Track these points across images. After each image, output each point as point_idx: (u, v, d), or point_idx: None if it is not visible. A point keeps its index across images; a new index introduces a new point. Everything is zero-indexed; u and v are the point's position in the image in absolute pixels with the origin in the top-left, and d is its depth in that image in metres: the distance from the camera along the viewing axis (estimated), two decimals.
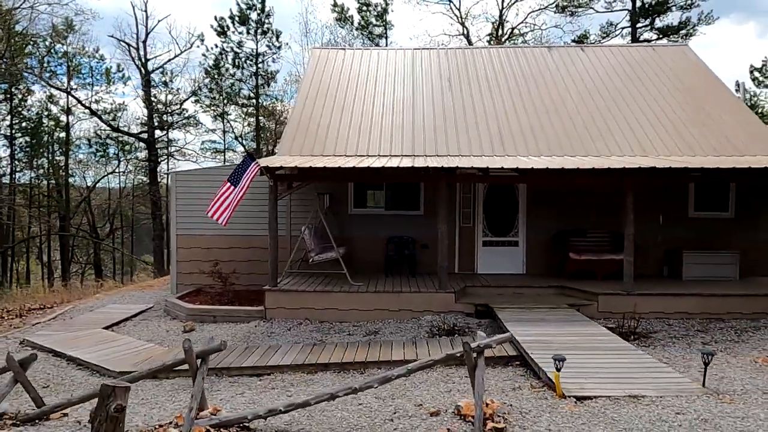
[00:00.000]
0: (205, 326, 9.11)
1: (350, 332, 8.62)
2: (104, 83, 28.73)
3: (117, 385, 4.03)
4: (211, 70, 31.03)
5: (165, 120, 26.96)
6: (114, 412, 4.00)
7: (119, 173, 30.48)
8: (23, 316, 11.21)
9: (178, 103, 27.64)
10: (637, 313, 8.21)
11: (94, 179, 32.03)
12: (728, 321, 8.70)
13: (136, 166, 33.69)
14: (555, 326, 7.40)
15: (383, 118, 12.13)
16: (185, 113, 28.62)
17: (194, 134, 30.79)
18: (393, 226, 11.30)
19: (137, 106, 43.61)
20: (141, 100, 29.70)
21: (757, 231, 10.96)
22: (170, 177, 11.56)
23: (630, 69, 13.50)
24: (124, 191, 32.47)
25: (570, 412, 4.29)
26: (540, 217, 11.21)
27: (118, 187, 33.92)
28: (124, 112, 29.26)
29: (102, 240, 32.63)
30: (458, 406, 4.23)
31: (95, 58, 27.66)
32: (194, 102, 29.69)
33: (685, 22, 25.97)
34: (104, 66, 28.77)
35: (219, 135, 34.54)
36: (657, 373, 5.33)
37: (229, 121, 33.73)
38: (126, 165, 33.27)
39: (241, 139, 35.03)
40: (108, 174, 32.10)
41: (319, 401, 4.06)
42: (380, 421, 4.20)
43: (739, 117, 11.94)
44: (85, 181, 32.30)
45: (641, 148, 10.95)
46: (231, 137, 34.71)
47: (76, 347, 7.87)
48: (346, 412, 4.49)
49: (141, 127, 29.31)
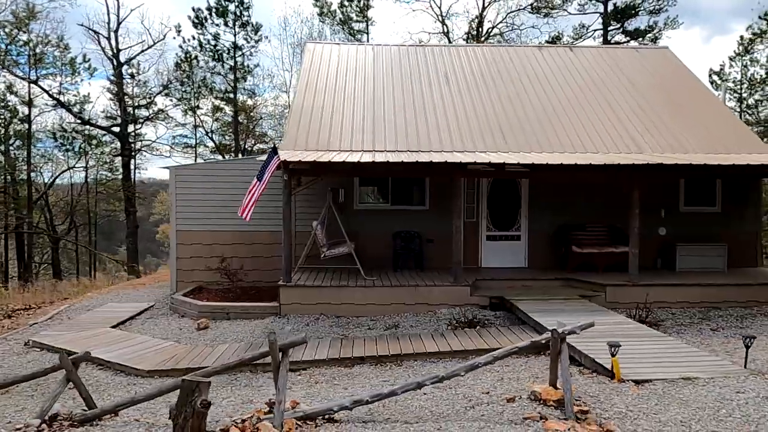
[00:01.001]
0: (218, 323, 8.93)
1: (370, 326, 8.65)
2: (68, 74, 27.40)
3: (200, 381, 3.97)
4: (181, 62, 30.19)
5: (134, 114, 25.97)
6: (201, 407, 3.95)
7: (85, 168, 29.13)
8: (11, 317, 10.68)
9: (149, 96, 26.69)
10: (648, 303, 8.59)
11: (53, 174, 30.58)
12: (725, 309, 9.22)
13: (101, 160, 32.42)
14: (577, 316, 7.61)
15: (385, 113, 12.17)
16: (154, 107, 27.67)
17: (166, 128, 29.80)
18: (398, 221, 11.36)
19: (104, 99, 41.83)
20: (109, 92, 28.67)
21: (741, 224, 11.64)
22: (170, 172, 11.22)
23: (618, 70, 14.03)
24: (89, 187, 31.07)
25: (636, 394, 4.51)
26: (541, 212, 11.53)
27: (82, 183, 32.47)
28: (90, 104, 28.01)
29: (61, 238, 31.14)
30: (534, 392, 4.36)
31: (60, 48, 26.33)
32: (164, 95, 28.76)
33: (652, 26, 27.15)
34: (68, 56, 27.42)
35: (189, 129, 33.64)
36: (696, 357, 5.64)
37: (199, 116, 32.89)
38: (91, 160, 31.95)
39: (211, 134, 34.24)
40: (69, 168, 30.63)
41: (406, 390, 4.11)
42: (462, 409, 4.28)
43: (722, 117, 12.64)
44: (42, 177, 30.80)
45: (636, 146, 11.42)
46: (201, 132, 33.90)
47: (91, 347, 7.56)
48: (418, 401, 4.54)
49: (108, 121, 28.20)
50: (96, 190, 32.70)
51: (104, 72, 26.86)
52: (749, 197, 11.77)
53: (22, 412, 5.50)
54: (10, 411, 5.53)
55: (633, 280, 9.35)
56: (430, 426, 3.82)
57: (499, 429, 3.69)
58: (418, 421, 4.01)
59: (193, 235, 11.28)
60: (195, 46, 26.20)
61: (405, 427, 3.79)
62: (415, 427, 3.81)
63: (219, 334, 8.37)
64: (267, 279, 11.20)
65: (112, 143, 30.98)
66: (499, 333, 7.55)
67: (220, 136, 35.06)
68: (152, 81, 29.59)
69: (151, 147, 29.31)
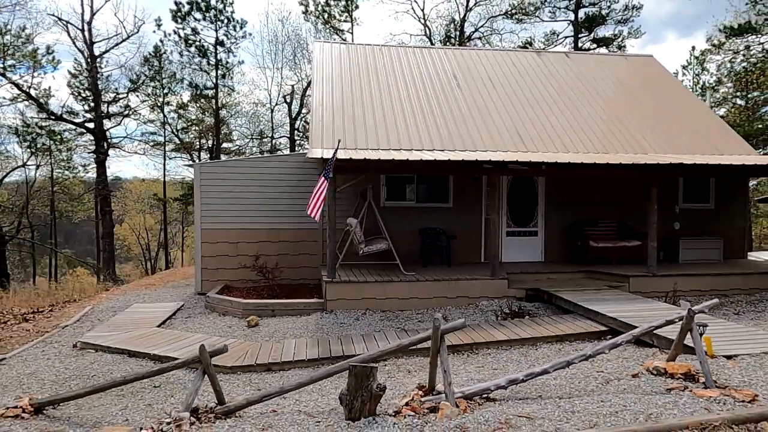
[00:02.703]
0: (266, 320, 8.93)
1: (419, 319, 8.92)
2: (29, 66, 25.87)
3: (373, 366, 4.17)
4: (151, 57, 29.21)
5: (108, 110, 24.89)
6: (377, 390, 4.15)
7: (51, 165, 27.60)
8: (28, 320, 10.20)
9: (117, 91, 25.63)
10: (675, 291, 9.33)
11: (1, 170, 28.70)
12: (732, 296, 10.11)
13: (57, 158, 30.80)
14: (623, 304, 8.25)
15: (404, 112, 12.47)
16: (126, 101, 26.63)
17: (136, 125, 28.71)
18: (423, 218, 11.68)
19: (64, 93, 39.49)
20: (70, 87, 27.28)
21: (732, 220, 12.74)
22: (195, 169, 11.01)
23: (612, 75, 14.95)
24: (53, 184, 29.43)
25: (737, 367, 5.04)
26: (556, 209, 12.17)
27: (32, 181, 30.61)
28: (52, 98, 26.63)
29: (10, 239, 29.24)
30: (656, 367, 4.78)
31: (21, 38, 24.81)
32: (131, 91, 27.72)
33: (617, 34, 28.79)
34: (29, 47, 25.89)
35: (156, 126, 32.51)
36: (756, 335, 6.30)
37: (165, 114, 31.84)
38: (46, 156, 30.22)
39: (178, 132, 33.23)
40: (22, 165, 28.86)
41: (556, 368, 4.44)
42: (598, 385, 4.66)
43: (710, 120, 13.76)
44: None
45: (641, 147, 12.28)
46: (169, 130, 32.84)
47: (153, 346, 7.45)
48: (554, 381, 4.86)
49: (72, 117, 26.82)
50: (52, 188, 31.03)
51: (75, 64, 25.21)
52: (738, 195, 12.90)
53: (126, 410, 5.43)
54: (114, 410, 5.45)
55: (652, 271, 10.09)
56: (587, 399, 4.17)
57: (651, 399, 4.08)
58: (571, 397, 4.36)
59: (218, 234, 11.16)
60: (176, 40, 25.38)
61: (564, 402, 4.12)
62: (573, 401, 4.15)
63: (273, 331, 8.40)
64: (294, 276, 11.28)
65: (75, 140, 29.58)
66: (554, 321, 8.02)
67: (185, 133, 34.16)
68: (123, 76, 28.53)
69: (120, 144, 28.17)
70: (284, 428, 4.13)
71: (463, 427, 3.77)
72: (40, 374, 6.65)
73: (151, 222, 42.95)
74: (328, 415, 4.32)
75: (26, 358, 7.37)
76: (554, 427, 3.64)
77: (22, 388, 6.14)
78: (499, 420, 3.84)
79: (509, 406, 4.23)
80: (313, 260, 11.41)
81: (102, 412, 5.40)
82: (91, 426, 4.96)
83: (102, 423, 5.05)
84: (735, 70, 28.81)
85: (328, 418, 4.23)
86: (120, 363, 7.09)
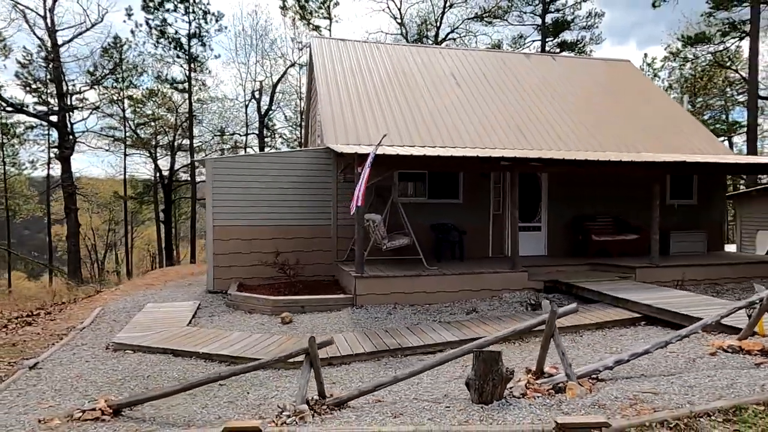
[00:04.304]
0: (297, 317, 8.84)
1: (452, 312, 9.11)
2: None
3: (498, 351, 4.32)
4: (110, 48, 27.87)
5: (71, 102, 23.49)
6: (508, 373, 4.30)
7: (2, 161, 25.76)
8: (31, 324, 9.59)
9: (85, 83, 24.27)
10: (681, 280, 9.99)
11: None
12: (723, 284, 10.93)
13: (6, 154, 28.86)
14: (645, 292, 8.77)
15: (411, 110, 12.63)
16: (86, 94, 25.28)
17: (96, 119, 27.22)
18: (435, 214, 11.88)
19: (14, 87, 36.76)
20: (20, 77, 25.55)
21: (712, 215, 13.73)
22: (207, 164, 10.68)
23: (596, 79, 15.74)
24: None
25: None
26: (557, 205, 12.70)
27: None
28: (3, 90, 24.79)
29: None
30: (731, 345, 5.20)
31: None
32: (95, 84, 26.35)
33: (579, 40, 30.18)
34: None
35: (116, 121, 31.01)
36: None
37: (124, 109, 30.43)
38: None
39: (135, 128, 31.83)
40: None
41: (657, 348, 4.74)
42: (683, 365, 5.00)
43: (689, 122, 14.77)
44: None
45: (634, 147, 13.03)
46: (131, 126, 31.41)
47: (197, 345, 7.24)
48: (643, 361, 5.16)
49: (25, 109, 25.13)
50: (5, 186, 29.07)
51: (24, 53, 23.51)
52: (717, 192, 13.92)
53: (208, 408, 5.30)
54: (195, 408, 5.30)
55: (654, 263, 10.75)
56: (693, 375, 4.48)
57: (750, 373, 4.46)
58: (670, 375, 4.67)
59: (230, 231, 10.90)
60: (147, 31, 24.31)
61: (674, 379, 4.43)
62: (681, 377, 4.46)
63: (310, 327, 8.34)
64: (307, 273, 11.18)
65: (26, 134, 27.80)
66: (587, 310, 8.41)
67: (143, 129, 32.77)
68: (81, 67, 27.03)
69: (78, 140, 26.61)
70: (416, 414, 4.20)
71: (600, 403, 3.97)
72: (88, 377, 6.33)
73: (98, 222, 40.91)
74: (450, 401, 4.42)
75: (61, 361, 6.96)
76: (684, 401, 3.91)
77: (79, 391, 5.83)
78: (628, 396, 4.07)
79: (624, 384, 4.48)
80: (326, 256, 11.36)
81: (181, 411, 5.23)
82: (184, 426, 4.81)
83: (194, 422, 4.90)
84: (684, 76, 30.91)
85: (454, 403, 4.33)
86: (167, 363, 6.84)
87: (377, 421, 4.15)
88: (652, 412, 3.74)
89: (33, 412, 5.22)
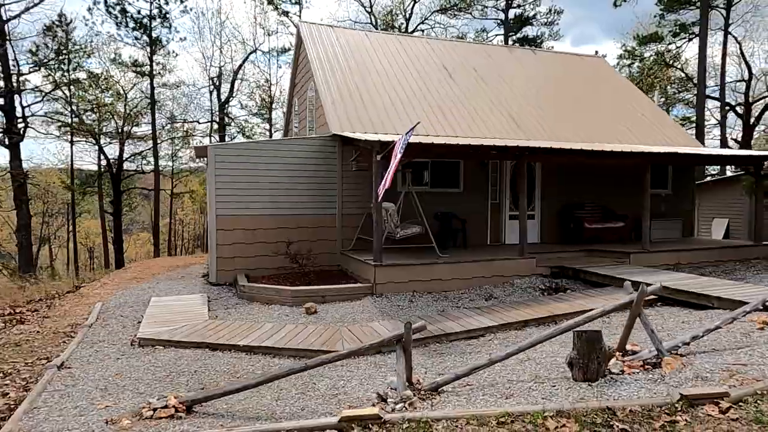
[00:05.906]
0: (320, 306, 8.70)
1: (470, 298, 9.27)
2: None
3: (599, 330, 4.47)
4: (54, 26, 25.97)
5: (20, 84, 21.67)
6: (610, 351, 4.47)
7: None
8: (23, 323, 8.88)
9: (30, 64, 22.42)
10: (676, 263, 10.64)
11: None
12: (703, 267, 11.71)
13: None
14: (652, 275, 9.27)
15: (409, 99, 12.64)
16: (31, 75, 23.38)
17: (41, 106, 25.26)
18: (436, 202, 11.97)
19: None
20: None
21: (684, 203, 14.67)
22: (209, 151, 10.18)
23: (575, 73, 16.35)
24: None
25: None
26: (551, 193, 13.15)
27: None
28: None
29: None
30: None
31: None
32: (42, 65, 24.45)
33: (539, 35, 31.15)
34: None
35: (62, 105, 28.89)
36: None
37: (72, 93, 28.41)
38: None
39: (81, 114, 29.86)
40: None
41: (726, 324, 5.07)
42: (740, 339, 5.35)
43: (660, 115, 15.66)
44: None
45: (616, 138, 13.68)
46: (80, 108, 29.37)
47: (235, 338, 6.98)
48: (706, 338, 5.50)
49: None
50: None
51: None
52: (688, 182, 14.87)
53: (280, 402, 5.13)
54: (266, 401, 5.12)
55: (647, 248, 11.38)
56: (760, 349, 4.83)
57: None
58: (738, 349, 4.99)
59: (234, 221, 10.51)
60: (103, 11, 22.75)
61: (750, 350, 4.75)
62: (755, 350, 4.79)
63: (339, 316, 8.23)
64: (313, 263, 10.98)
65: None
66: (600, 293, 8.82)
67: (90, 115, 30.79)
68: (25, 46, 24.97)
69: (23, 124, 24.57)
70: (527, 394, 4.27)
71: (701, 376, 4.21)
72: (129, 374, 5.95)
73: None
74: (552, 381, 4.52)
75: (89, 360, 6.50)
76: None
77: (129, 389, 5.48)
78: (721, 368, 4.33)
79: (706, 357, 4.76)
80: (332, 246, 11.20)
81: (255, 404, 5.04)
82: (269, 419, 4.64)
83: (277, 415, 4.73)
84: (631, 74, 32.63)
85: (560, 382, 4.44)
86: (209, 357, 6.54)
87: (490, 402, 4.18)
88: (754, 382, 4.00)
89: (90, 413, 4.87)
